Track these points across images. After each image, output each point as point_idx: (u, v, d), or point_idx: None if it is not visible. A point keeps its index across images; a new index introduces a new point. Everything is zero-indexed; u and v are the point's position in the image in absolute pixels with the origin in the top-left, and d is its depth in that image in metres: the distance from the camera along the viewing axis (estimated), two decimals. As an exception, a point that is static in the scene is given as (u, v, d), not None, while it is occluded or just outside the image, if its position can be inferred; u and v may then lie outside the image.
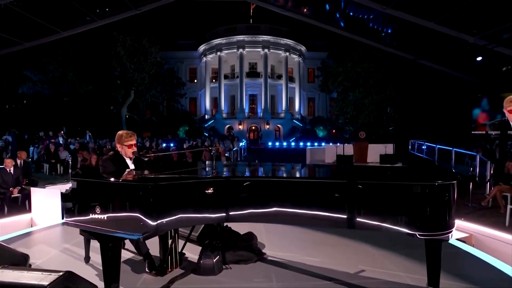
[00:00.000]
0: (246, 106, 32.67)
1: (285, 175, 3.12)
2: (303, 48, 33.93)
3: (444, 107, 19.43)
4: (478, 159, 8.38)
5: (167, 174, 2.67)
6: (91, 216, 2.20)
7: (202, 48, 33.69)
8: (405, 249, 3.64)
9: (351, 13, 15.40)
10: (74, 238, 3.90)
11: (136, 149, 3.00)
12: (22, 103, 25.14)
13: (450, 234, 2.25)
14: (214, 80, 34.36)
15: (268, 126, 31.91)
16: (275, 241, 3.99)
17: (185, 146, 15.61)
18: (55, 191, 5.24)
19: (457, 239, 4.11)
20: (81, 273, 1.96)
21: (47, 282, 1.76)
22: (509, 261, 3.21)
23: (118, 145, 2.99)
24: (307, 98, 35.83)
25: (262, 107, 32.51)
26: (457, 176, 2.34)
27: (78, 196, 2.33)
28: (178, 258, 3.14)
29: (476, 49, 13.67)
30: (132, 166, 3.03)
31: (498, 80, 15.63)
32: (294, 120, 33.05)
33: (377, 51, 19.39)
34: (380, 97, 21.40)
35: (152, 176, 2.58)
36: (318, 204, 2.37)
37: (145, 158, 3.06)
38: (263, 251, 3.58)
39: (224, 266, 3.16)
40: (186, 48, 33.90)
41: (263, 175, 3.10)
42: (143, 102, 26.50)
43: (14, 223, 4.96)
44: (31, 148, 14.02)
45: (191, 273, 3.05)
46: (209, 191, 2.38)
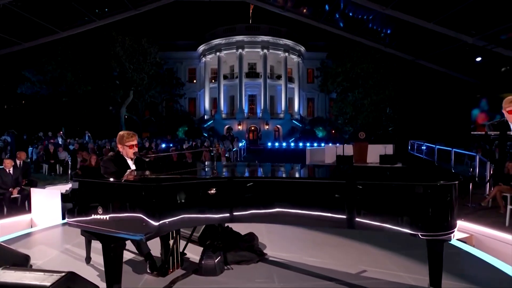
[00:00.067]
0: (245, 107, 32.65)
1: (287, 176, 3.12)
2: (303, 49, 33.94)
3: (443, 107, 19.47)
4: (477, 159, 8.39)
5: (169, 174, 2.66)
6: (93, 217, 2.20)
7: (201, 48, 33.66)
8: (406, 249, 3.64)
9: (351, 14, 15.40)
10: (74, 239, 3.90)
11: (137, 149, 3.02)
12: (20, 103, 25.06)
13: (452, 235, 2.26)
14: (213, 81, 34.32)
15: (267, 127, 31.90)
16: (276, 241, 3.99)
17: (184, 147, 15.62)
18: (55, 191, 5.22)
19: (457, 240, 4.13)
20: (82, 274, 1.96)
21: (49, 282, 1.76)
22: (510, 261, 3.22)
23: (119, 146, 3.00)
24: (307, 98, 35.84)
25: (262, 107, 32.49)
26: (459, 177, 2.35)
27: (80, 196, 2.32)
28: (179, 258, 3.14)
29: (475, 49, 13.70)
30: (133, 166, 3.04)
31: (497, 80, 15.67)
32: (293, 121, 33.04)
33: (376, 52, 19.41)
34: (380, 97, 21.44)
35: (154, 176, 2.58)
36: (324, 205, 2.37)
37: (146, 159, 3.08)
38: (264, 251, 3.58)
39: (225, 267, 3.15)
40: (185, 48, 33.85)
41: (267, 176, 3.09)
42: (142, 102, 26.47)
43: (14, 223, 4.96)
44: (30, 149, 13.99)
45: (193, 273, 3.04)
46: (212, 192, 2.38)
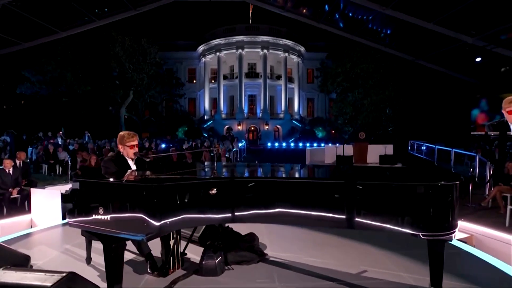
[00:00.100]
0: (245, 107, 32.65)
1: (289, 176, 3.12)
2: (302, 49, 33.95)
3: (443, 107, 19.48)
4: (477, 159, 8.39)
5: (170, 174, 2.66)
6: (94, 217, 2.20)
7: (201, 48, 33.65)
8: (406, 249, 3.64)
9: (350, 14, 15.40)
10: (75, 239, 3.89)
11: (138, 149, 3.02)
12: (20, 103, 25.03)
13: (453, 235, 2.26)
14: (213, 81, 34.31)
15: (267, 127, 31.90)
16: (277, 241, 3.99)
17: (184, 147, 15.62)
18: (55, 191, 5.20)
19: (458, 240, 4.13)
20: (82, 274, 1.96)
21: (50, 283, 1.76)
22: (510, 261, 3.22)
23: (120, 146, 3.00)
24: (306, 98, 35.85)
25: (261, 107, 32.49)
26: (460, 177, 2.35)
27: (81, 197, 2.32)
28: (180, 259, 3.14)
29: (475, 50, 13.70)
30: (134, 166, 3.03)
31: (497, 81, 15.68)
32: (293, 121, 33.04)
33: (376, 52, 19.41)
34: (379, 97, 21.45)
35: (155, 177, 2.58)
36: (326, 205, 2.37)
37: (147, 159, 3.08)
38: (265, 251, 3.58)
39: (226, 267, 3.15)
40: (185, 48, 33.84)
41: (268, 176, 3.09)
42: (142, 102, 26.45)
43: (14, 224, 4.95)
44: (29, 149, 13.96)
45: (193, 273, 3.04)
46: (213, 192, 2.37)
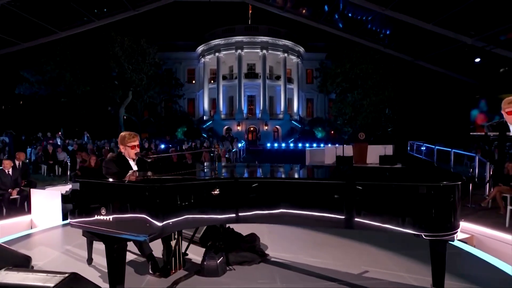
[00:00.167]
0: (244, 107, 32.64)
1: (291, 176, 3.12)
2: (302, 49, 33.97)
3: (442, 108, 19.51)
4: (477, 160, 8.40)
5: (172, 175, 2.65)
6: (96, 218, 2.19)
7: (200, 49, 33.64)
8: (407, 249, 3.65)
9: (350, 15, 15.41)
10: (75, 240, 3.88)
11: (139, 150, 3.02)
12: (19, 103, 24.98)
13: (455, 235, 2.26)
14: (212, 81, 34.29)
15: (266, 127, 31.90)
16: (278, 242, 3.99)
17: (184, 147, 15.61)
18: (55, 192, 5.20)
19: (458, 240, 4.13)
20: (84, 275, 1.96)
21: (52, 283, 1.75)
22: (510, 261, 3.23)
23: (121, 146, 3.00)
24: (306, 99, 35.85)
25: (261, 108, 32.48)
26: (462, 177, 2.35)
27: (83, 197, 2.31)
28: (181, 259, 3.13)
29: (474, 50, 13.71)
30: (135, 167, 3.03)
31: (496, 81, 15.71)
32: (292, 121, 33.05)
33: (376, 52, 19.42)
34: (379, 98, 21.48)
35: (156, 177, 2.57)
36: (328, 205, 2.37)
37: (148, 159, 3.08)
38: (266, 252, 3.58)
39: (227, 268, 3.15)
40: (184, 49, 33.81)
41: (272, 176, 3.09)
42: (141, 103, 26.42)
43: (14, 224, 4.93)
44: (28, 149, 13.92)
45: (195, 274, 3.04)
46: (216, 192, 2.37)
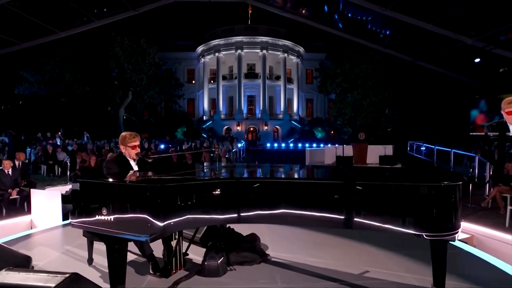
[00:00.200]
0: (244, 107, 32.64)
1: (292, 176, 3.12)
2: (302, 49, 33.98)
3: (442, 108, 19.52)
4: (477, 160, 8.40)
5: (173, 175, 2.65)
6: (97, 218, 2.18)
7: (200, 49, 33.64)
8: (408, 249, 3.65)
9: (350, 15, 15.42)
10: (75, 240, 3.88)
11: (139, 150, 3.02)
12: (18, 104, 24.95)
13: (456, 235, 2.26)
14: (212, 81, 34.28)
15: (266, 127, 31.90)
16: (278, 242, 3.98)
17: (184, 148, 15.61)
18: (55, 192, 5.20)
19: (458, 240, 4.13)
20: (84, 275, 1.94)
21: (53, 284, 1.74)
22: (510, 261, 3.23)
23: (121, 147, 3.00)
24: (306, 99, 35.86)
25: (261, 108, 32.48)
26: (463, 177, 2.35)
27: (84, 197, 2.30)
28: (182, 259, 3.13)
29: (474, 50, 13.73)
30: (135, 167, 3.03)
31: (496, 81, 15.72)
32: (292, 121, 33.05)
33: (376, 53, 19.43)
34: (379, 98, 21.49)
35: (157, 177, 2.57)
36: (330, 206, 2.37)
37: (148, 160, 3.07)
38: (267, 252, 3.58)
39: (228, 268, 3.15)
40: (184, 49, 33.82)
41: (273, 177, 3.09)
42: (141, 103, 26.41)
43: (14, 225, 4.93)
44: (28, 149, 13.91)
45: (196, 274, 3.03)
46: (217, 192, 2.37)
